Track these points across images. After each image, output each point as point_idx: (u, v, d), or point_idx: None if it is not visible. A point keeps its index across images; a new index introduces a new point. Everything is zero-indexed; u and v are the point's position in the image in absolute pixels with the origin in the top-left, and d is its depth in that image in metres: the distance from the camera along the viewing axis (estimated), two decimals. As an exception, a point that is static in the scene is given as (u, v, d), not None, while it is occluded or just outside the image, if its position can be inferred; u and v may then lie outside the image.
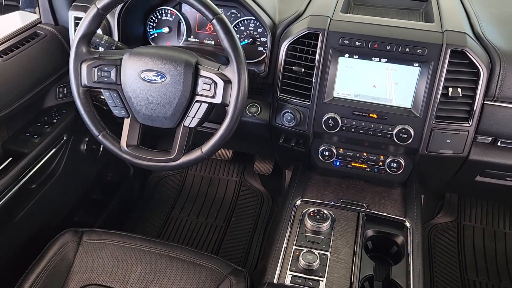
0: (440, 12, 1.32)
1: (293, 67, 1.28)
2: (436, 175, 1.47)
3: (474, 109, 1.20)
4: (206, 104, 1.14)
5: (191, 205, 2.18)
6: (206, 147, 1.17)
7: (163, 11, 1.49)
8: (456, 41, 1.18)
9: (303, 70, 1.26)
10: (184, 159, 1.20)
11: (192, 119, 1.16)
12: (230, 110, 1.12)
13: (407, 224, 1.35)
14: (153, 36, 1.52)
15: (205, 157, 1.18)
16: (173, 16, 1.49)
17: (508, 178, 1.38)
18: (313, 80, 1.26)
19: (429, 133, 1.23)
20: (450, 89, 1.18)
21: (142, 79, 1.14)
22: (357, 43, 1.21)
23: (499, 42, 1.24)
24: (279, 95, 1.32)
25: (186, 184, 2.28)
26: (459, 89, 1.18)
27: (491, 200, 2.10)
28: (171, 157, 1.20)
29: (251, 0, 1.33)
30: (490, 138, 1.28)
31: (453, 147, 1.25)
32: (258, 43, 1.42)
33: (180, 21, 1.48)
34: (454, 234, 2.06)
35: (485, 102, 1.22)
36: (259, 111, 1.41)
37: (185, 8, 1.47)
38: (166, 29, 1.49)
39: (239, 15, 1.42)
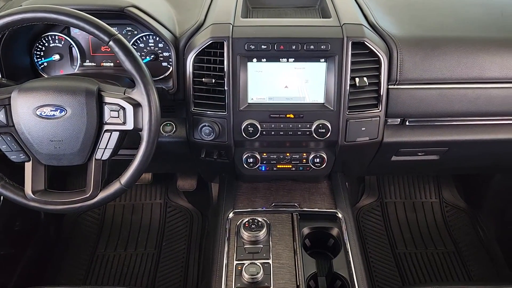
0: (335, 7, 1.36)
1: (203, 79, 1.24)
2: (357, 162, 1.53)
3: (381, 94, 1.26)
4: (117, 133, 1.06)
5: (116, 238, 2.04)
6: (125, 177, 1.09)
7: (49, 38, 1.36)
8: (355, 33, 1.22)
9: (213, 80, 1.23)
10: (102, 195, 1.10)
11: (104, 151, 1.08)
12: (145, 134, 1.06)
13: (339, 215, 1.38)
14: (42, 66, 1.38)
15: (126, 188, 1.10)
16: (62, 42, 1.36)
17: (419, 154, 1.48)
18: (226, 89, 1.23)
19: (345, 124, 1.27)
20: (357, 79, 1.22)
21: (38, 116, 1.02)
22: (263, 46, 1.21)
23: (392, 29, 1.31)
24: (193, 109, 1.27)
25: (107, 217, 2.12)
26: (365, 78, 1.23)
27: (406, 175, 2.25)
28: (87, 195, 1.10)
29: (145, 15, 1.26)
30: (399, 120, 1.35)
31: (368, 134, 1.31)
32: (161, 58, 1.36)
33: (71, 45, 1.36)
34: (379, 213, 2.18)
35: (389, 87, 1.28)
36: (174, 129, 1.35)
37: (75, 31, 1.36)
38: (56, 57, 1.36)
39: (136, 32, 1.34)
